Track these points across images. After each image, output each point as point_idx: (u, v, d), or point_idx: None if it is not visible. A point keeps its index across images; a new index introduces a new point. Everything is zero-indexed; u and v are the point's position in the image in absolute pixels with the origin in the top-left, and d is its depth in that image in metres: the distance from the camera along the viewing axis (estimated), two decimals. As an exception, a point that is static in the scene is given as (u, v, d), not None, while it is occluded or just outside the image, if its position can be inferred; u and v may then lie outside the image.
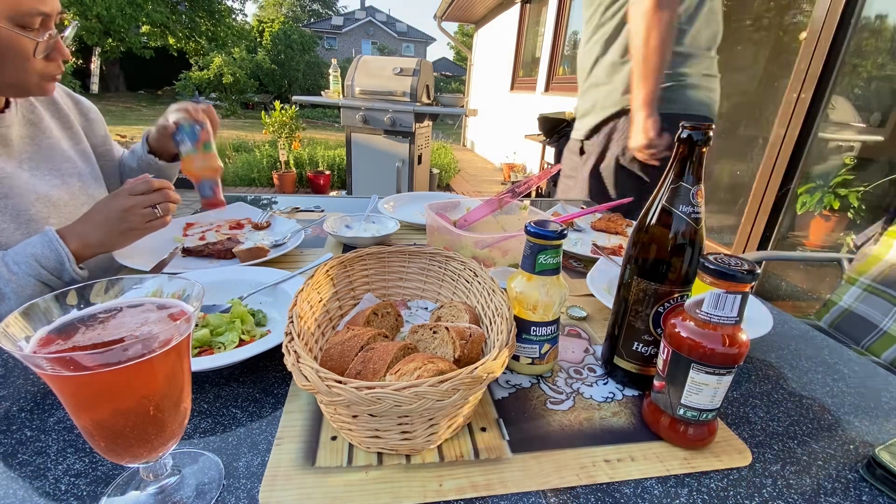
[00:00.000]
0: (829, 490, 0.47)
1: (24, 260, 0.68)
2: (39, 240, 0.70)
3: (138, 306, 0.39)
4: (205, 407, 0.52)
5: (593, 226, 1.21)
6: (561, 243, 0.55)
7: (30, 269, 0.68)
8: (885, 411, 0.60)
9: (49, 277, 0.70)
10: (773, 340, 0.76)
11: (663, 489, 0.45)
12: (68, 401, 0.35)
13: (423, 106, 3.47)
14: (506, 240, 0.82)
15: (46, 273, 0.70)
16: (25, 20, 0.66)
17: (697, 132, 0.49)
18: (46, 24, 0.70)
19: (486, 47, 8.53)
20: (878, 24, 2.26)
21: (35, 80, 0.73)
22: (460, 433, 0.50)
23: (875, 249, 1.21)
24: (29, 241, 0.70)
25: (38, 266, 0.69)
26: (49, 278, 0.70)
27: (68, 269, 0.71)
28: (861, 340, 1.15)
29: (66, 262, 0.70)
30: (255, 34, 17.76)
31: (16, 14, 0.65)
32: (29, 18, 0.67)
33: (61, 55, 0.74)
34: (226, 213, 1.13)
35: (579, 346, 0.69)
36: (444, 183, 5.67)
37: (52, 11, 0.70)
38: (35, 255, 0.69)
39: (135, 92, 16.26)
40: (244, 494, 0.42)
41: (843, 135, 2.45)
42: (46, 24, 0.70)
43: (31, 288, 0.69)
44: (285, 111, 4.82)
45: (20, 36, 0.67)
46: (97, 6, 11.19)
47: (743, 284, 0.43)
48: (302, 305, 0.54)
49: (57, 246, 0.70)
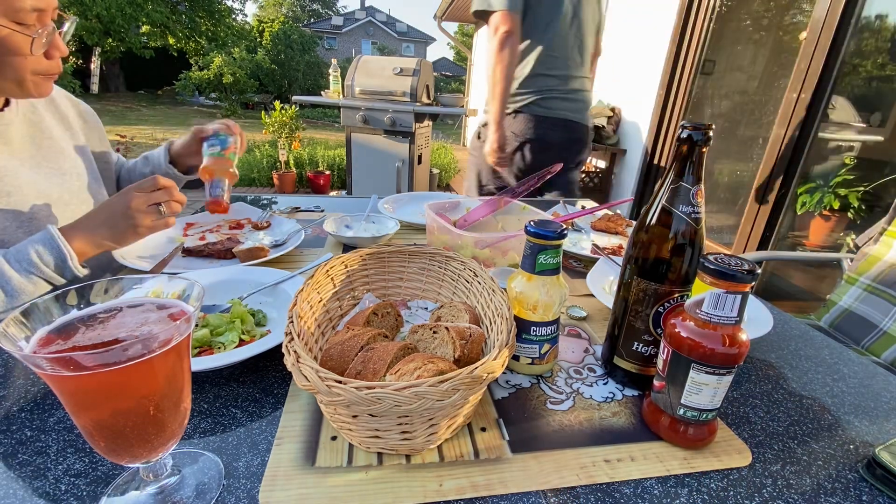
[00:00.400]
0: (829, 490, 0.47)
1: (25, 258, 0.69)
2: (41, 237, 0.70)
3: (138, 306, 0.39)
4: (205, 407, 0.52)
5: (593, 226, 1.21)
6: (561, 243, 0.55)
7: (32, 266, 0.69)
8: (885, 411, 0.60)
9: (51, 275, 0.70)
10: (773, 340, 0.76)
11: (663, 489, 0.45)
12: (68, 401, 0.35)
13: (423, 106, 3.47)
14: (506, 240, 0.82)
15: (49, 271, 0.70)
16: (20, 16, 0.66)
17: (697, 132, 0.49)
18: (42, 20, 0.69)
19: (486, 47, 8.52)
20: (878, 24, 2.26)
21: (32, 78, 0.72)
22: (460, 433, 0.50)
23: (875, 249, 1.21)
24: (30, 239, 0.70)
25: (40, 264, 0.69)
26: (51, 276, 0.70)
27: (70, 266, 0.71)
28: (861, 340, 1.15)
29: (67, 260, 0.70)
30: (255, 34, 17.76)
31: (10, 9, 0.65)
32: (24, 14, 0.66)
33: (59, 51, 0.74)
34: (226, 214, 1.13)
35: (579, 346, 0.69)
36: (444, 183, 5.67)
37: (47, 7, 0.69)
38: (37, 252, 0.69)
39: (135, 92, 16.25)
40: (244, 494, 0.42)
41: (843, 135, 2.46)
42: (42, 19, 0.69)
43: (32, 286, 0.69)
44: (285, 111, 4.81)
45: (15, 32, 0.66)
46: (97, 6, 11.19)
47: (743, 284, 0.43)
48: (302, 305, 0.54)
49: (59, 243, 0.70)
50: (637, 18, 3.59)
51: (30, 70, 0.71)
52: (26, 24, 0.67)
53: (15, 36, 0.66)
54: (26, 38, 0.67)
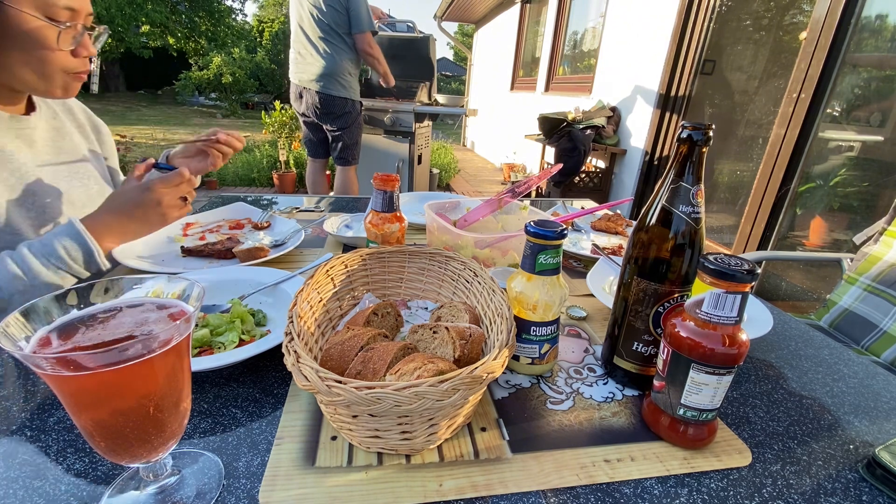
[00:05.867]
0: (829, 490, 0.47)
1: (53, 253, 0.70)
2: (66, 231, 0.72)
3: (138, 306, 0.39)
4: (205, 407, 0.52)
5: (593, 226, 1.21)
6: (561, 243, 0.55)
7: (61, 262, 0.70)
8: (885, 411, 0.60)
9: (79, 270, 0.72)
10: (773, 340, 0.76)
11: (663, 489, 0.45)
12: (68, 401, 0.35)
13: (423, 106, 3.47)
14: (506, 240, 0.82)
15: (77, 266, 0.71)
16: (52, 10, 0.68)
17: (697, 132, 0.49)
18: (74, 20, 0.71)
19: (486, 47, 8.53)
20: (878, 24, 2.26)
21: (60, 75, 0.74)
22: (460, 433, 0.50)
23: (875, 249, 1.21)
24: (54, 233, 0.71)
25: (68, 259, 0.70)
26: (79, 271, 0.72)
27: (97, 261, 0.73)
28: (861, 340, 1.15)
29: (95, 255, 0.72)
30: (255, 34, 17.74)
31: (44, 4, 0.67)
32: (56, 10, 0.68)
33: (86, 51, 0.76)
34: (226, 214, 1.13)
35: (579, 346, 0.69)
36: (444, 183, 5.66)
37: (80, 9, 0.71)
38: (65, 247, 0.70)
39: (135, 92, 16.25)
40: (244, 494, 0.42)
41: (843, 135, 2.45)
42: (74, 19, 0.71)
43: (60, 280, 0.70)
44: (285, 111, 4.81)
45: (45, 25, 0.68)
46: (96, 6, 11.18)
47: (743, 284, 0.43)
48: (302, 305, 0.54)
49: (85, 238, 0.72)
50: (637, 18, 3.59)
51: (58, 66, 0.73)
52: (57, 19, 0.69)
53: (44, 29, 0.69)
54: (54, 31, 0.69)
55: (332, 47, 2.57)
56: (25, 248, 0.69)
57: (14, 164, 0.76)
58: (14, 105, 0.80)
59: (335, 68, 2.60)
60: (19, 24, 0.67)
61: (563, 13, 5.12)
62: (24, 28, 0.67)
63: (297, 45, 2.63)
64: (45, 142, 0.85)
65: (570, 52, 5.20)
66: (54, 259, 0.69)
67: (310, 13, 2.51)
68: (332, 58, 2.58)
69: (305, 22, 2.55)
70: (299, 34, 2.60)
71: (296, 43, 2.64)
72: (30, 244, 0.70)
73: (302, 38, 2.59)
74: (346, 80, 2.68)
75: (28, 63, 0.71)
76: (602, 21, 4.10)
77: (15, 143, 0.78)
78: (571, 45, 5.17)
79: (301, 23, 2.57)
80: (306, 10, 2.52)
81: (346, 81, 2.68)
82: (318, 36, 2.54)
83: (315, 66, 2.59)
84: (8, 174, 0.75)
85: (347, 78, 2.68)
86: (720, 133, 2.97)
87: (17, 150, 0.78)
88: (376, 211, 0.78)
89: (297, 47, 2.64)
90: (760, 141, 2.81)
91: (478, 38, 9.06)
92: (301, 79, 2.66)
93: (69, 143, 0.90)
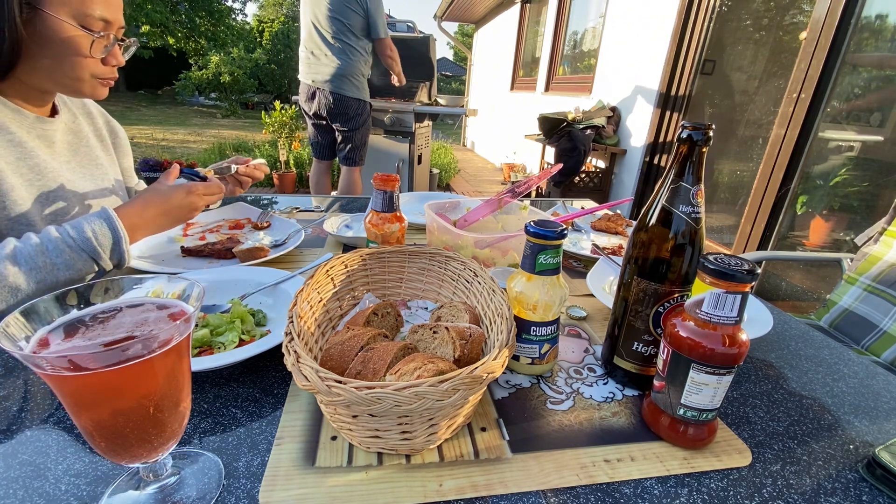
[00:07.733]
0: (829, 490, 0.47)
1: (80, 232, 0.70)
2: (98, 214, 0.73)
3: (138, 306, 0.39)
4: (205, 407, 0.52)
5: (593, 226, 1.21)
6: (561, 243, 0.55)
7: (86, 243, 0.70)
8: (885, 411, 0.60)
9: (101, 254, 0.72)
10: (773, 340, 0.76)
11: (663, 489, 0.45)
12: (68, 401, 0.35)
13: (423, 106, 3.47)
14: (506, 240, 0.82)
15: (101, 251, 0.72)
16: (88, 21, 0.72)
17: (697, 132, 0.49)
18: (107, 31, 0.76)
19: (486, 47, 8.53)
20: (878, 24, 2.26)
21: (89, 80, 0.78)
22: (460, 433, 0.50)
23: (875, 249, 1.21)
24: (86, 217, 0.73)
25: (94, 241, 0.71)
26: (101, 255, 0.72)
27: (123, 249, 0.74)
28: (861, 340, 1.15)
29: (122, 241, 0.74)
30: (255, 34, 17.74)
31: (80, 13, 0.71)
32: (91, 20, 0.72)
33: (116, 60, 0.80)
34: (226, 213, 1.13)
35: (579, 346, 0.69)
36: (444, 183, 5.66)
37: (114, 20, 0.76)
38: (93, 230, 0.71)
39: (135, 92, 16.23)
40: (244, 494, 0.42)
41: (843, 135, 2.45)
42: (107, 30, 0.76)
43: (81, 263, 0.70)
44: (285, 111, 4.81)
45: (80, 34, 0.72)
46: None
47: (743, 284, 0.43)
48: (302, 305, 0.54)
49: (116, 224, 0.73)
50: (637, 18, 3.59)
51: (87, 71, 0.77)
52: (92, 29, 0.73)
53: (79, 38, 0.73)
54: (88, 39, 0.73)
55: (348, 48, 2.56)
56: (53, 227, 0.70)
57: (33, 161, 0.78)
58: (40, 107, 0.83)
59: (350, 69, 2.60)
60: (57, 32, 0.71)
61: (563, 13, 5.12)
62: (60, 35, 0.71)
63: (311, 45, 2.61)
64: (64, 144, 0.87)
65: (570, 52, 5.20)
66: (80, 240, 0.70)
67: (326, 13, 2.49)
68: (347, 58, 2.57)
69: (321, 21, 2.52)
70: (313, 34, 2.58)
71: (308, 42, 2.62)
72: (57, 226, 0.71)
73: (316, 37, 2.57)
74: (359, 81, 2.68)
75: (61, 67, 0.75)
76: (602, 21, 4.11)
77: (35, 142, 0.80)
78: (571, 45, 5.17)
79: (316, 22, 2.55)
80: (323, 10, 2.49)
81: (359, 82, 2.68)
82: (334, 36, 2.52)
83: (330, 66, 2.57)
84: (27, 169, 0.77)
85: (360, 79, 2.68)
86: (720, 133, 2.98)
87: (37, 148, 0.80)
88: (376, 211, 0.78)
89: (311, 47, 2.61)
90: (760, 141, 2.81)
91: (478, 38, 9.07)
92: (315, 79, 2.64)
93: (86, 146, 0.93)
